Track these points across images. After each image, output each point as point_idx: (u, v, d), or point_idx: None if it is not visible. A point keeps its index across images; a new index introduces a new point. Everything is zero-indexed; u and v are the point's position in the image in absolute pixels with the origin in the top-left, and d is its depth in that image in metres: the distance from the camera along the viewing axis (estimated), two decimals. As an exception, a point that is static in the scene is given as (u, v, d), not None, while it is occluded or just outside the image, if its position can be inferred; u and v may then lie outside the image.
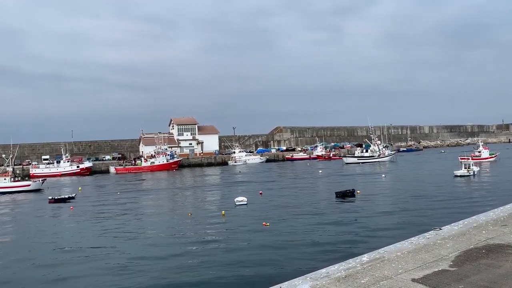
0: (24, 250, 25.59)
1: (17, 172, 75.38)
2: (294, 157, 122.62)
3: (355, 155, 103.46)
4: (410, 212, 31.36)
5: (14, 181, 65.23)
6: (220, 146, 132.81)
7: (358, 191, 42.61)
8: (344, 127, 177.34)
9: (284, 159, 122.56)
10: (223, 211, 34.61)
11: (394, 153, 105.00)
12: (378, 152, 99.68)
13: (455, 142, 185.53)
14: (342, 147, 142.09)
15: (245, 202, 38.95)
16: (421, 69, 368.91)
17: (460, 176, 54.03)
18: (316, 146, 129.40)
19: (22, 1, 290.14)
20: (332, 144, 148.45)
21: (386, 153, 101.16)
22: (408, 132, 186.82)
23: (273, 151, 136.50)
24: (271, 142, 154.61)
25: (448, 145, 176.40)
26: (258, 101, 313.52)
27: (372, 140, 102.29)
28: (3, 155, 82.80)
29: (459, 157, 70.81)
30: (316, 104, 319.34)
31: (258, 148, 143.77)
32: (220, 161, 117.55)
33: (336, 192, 41.71)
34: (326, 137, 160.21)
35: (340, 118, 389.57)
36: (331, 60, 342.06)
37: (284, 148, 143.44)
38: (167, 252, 23.14)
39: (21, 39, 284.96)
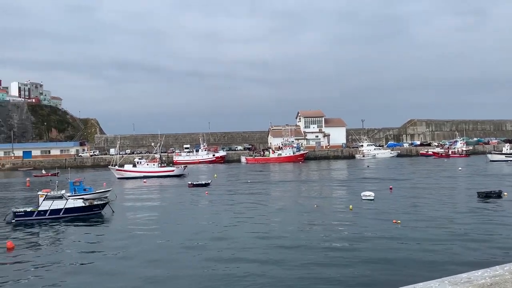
0: (168, 226, 28.81)
1: (163, 158, 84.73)
2: (429, 152, 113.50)
3: (503, 152, 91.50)
4: None
5: (161, 166, 73.61)
6: (347, 139, 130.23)
7: (505, 193, 37.73)
8: (489, 121, 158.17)
9: (418, 154, 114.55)
10: (350, 205, 33.96)
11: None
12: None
13: None
14: (487, 143, 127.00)
15: (372, 197, 37.60)
16: None
17: None
18: (456, 141, 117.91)
19: (167, 5, 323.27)
20: (475, 139, 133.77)
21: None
22: None
23: (406, 145, 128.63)
24: (404, 135, 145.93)
25: None
26: (390, 93, 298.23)
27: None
28: (152, 143, 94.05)
29: None
30: (456, 95, 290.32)
31: (389, 142, 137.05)
32: (347, 154, 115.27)
33: (478, 192, 37.68)
34: (467, 131, 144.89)
35: (485, 111, 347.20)
36: (473, 48, 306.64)
37: (418, 142, 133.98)
38: (293, 241, 23.66)
39: (167, 39, 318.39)
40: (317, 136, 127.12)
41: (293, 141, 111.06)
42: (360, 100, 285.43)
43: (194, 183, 54.10)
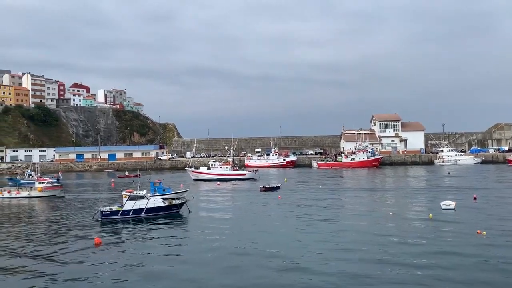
0: (243, 231, 29.44)
1: (236, 162, 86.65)
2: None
3: None
4: None
5: (233, 170, 75.31)
6: (426, 144, 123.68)
7: None
8: None
9: (506, 162, 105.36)
10: (430, 214, 32.21)
11: None
12: None
13: None
14: None
15: (453, 207, 35.34)
16: None
17: None
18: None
19: (239, 12, 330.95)
20: None
21: None
22: None
23: (491, 151, 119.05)
24: (489, 141, 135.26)
25: None
26: (474, 94, 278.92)
27: None
28: (226, 147, 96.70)
29: None
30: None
31: (472, 148, 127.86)
32: (425, 160, 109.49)
33: None
34: None
35: None
36: None
37: (506, 148, 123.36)
38: (370, 255, 22.93)
39: (239, 45, 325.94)
40: (393, 141, 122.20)
41: (367, 146, 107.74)
42: (440, 102, 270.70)
43: (266, 186, 54.77)
